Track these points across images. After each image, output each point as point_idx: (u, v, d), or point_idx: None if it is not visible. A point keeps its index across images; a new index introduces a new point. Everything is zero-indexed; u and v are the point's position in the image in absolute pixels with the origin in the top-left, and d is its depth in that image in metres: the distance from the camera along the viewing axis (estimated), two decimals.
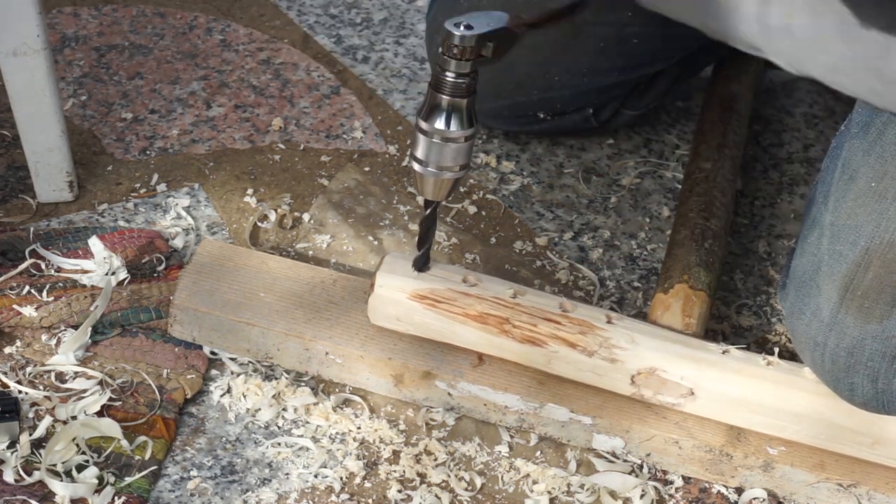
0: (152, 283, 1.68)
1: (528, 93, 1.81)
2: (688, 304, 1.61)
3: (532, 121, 1.87)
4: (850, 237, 1.44)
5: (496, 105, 1.82)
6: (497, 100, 1.81)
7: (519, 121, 1.88)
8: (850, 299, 1.45)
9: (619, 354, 1.54)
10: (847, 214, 1.45)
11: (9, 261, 1.69)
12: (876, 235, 1.43)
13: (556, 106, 1.84)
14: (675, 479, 1.57)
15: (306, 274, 1.66)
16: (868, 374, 1.46)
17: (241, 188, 1.85)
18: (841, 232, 1.46)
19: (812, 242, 1.49)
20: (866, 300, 1.43)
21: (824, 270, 1.47)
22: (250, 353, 1.62)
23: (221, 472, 1.53)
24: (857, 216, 1.44)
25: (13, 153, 1.85)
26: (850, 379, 1.47)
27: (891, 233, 1.42)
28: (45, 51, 1.66)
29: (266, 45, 2.08)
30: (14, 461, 1.48)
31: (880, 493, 1.54)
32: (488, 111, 1.82)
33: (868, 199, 1.43)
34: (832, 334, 1.46)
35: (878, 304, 1.43)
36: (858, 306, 1.44)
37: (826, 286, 1.46)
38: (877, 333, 1.44)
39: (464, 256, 1.80)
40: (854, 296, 1.44)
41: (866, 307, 1.44)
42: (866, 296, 1.43)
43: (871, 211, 1.43)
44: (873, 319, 1.44)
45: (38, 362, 1.59)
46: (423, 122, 1.47)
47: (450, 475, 1.54)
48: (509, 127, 1.90)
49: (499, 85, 1.78)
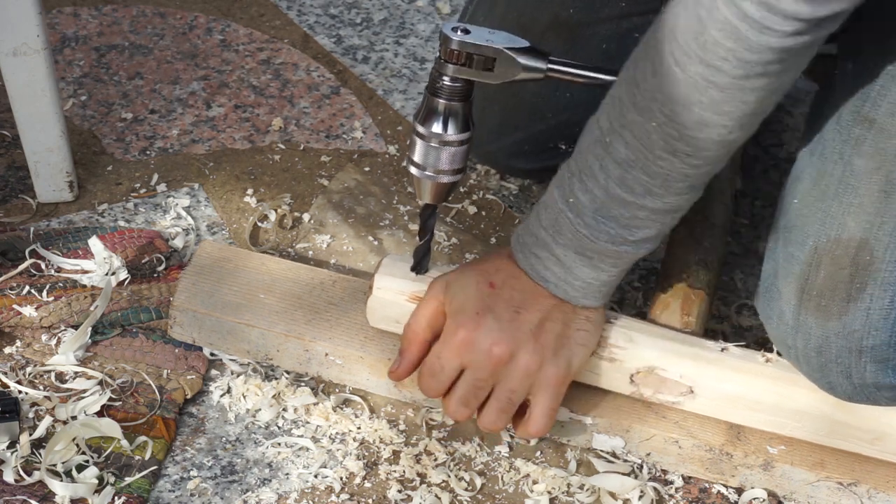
0: (152, 283, 1.68)
1: (544, 117, 1.74)
2: (687, 302, 1.61)
3: (554, 154, 1.78)
4: (799, 238, 1.46)
5: (514, 140, 1.76)
6: (514, 133, 1.75)
7: (541, 157, 1.79)
8: (807, 300, 1.46)
9: (617, 353, 1.54)
10: (795, 216, 1.47)
11: (9, 261, 1.69)
12: (822, 234, 1.44)
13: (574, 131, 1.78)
14: (675, 479, 1.58)
15: (306, 275, 1.66)
16: (841, 371, 1.47)
17: (241, 188, 1.85)
18: (791, 234, 1.48)
19: (770, 247, 1.52)
20: (822, 299, 1.45)
21: (781, 273, 1.49)
22: (250, 355, 1.62)
23: (221, 472, 1.53)
24: (803, 216, 1.46)
25: (13, 153, 1.85)
26: (826, 378, 1.48)
27: (836, 229, 1.44)
28: (45, 51, 1.66)
29: (266, 45, 2.08)
30: (14, 461, 1.48)
31: (880, 491, 1.54)
32: (508, 149, 1.77)
33: (811, 199, 1.45)
34: (799, 336, 1.48)
35: (835, 302, 1.44)
36: (816, 306, 1.45)
37: (785, 289, 1.48)
38: (839, 330, 1.45)
39: (464, 256, 1.80)
40: (810, 296, 1.46)
41: (823, 306, 1.45)
42: (822, 295, 1.45)
43: (815, 210, 1.45)
44: (832, 317, 1.45)
45: (38, 362, 1.59)
46: (419, 125, 1.48)
47: (450, 475, 1.54)
48: (532, 165, 1.82)
49: (511, 115, 1.74)
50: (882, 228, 1.42)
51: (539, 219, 1.45)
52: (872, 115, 1.41)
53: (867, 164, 1.42)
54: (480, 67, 1.45)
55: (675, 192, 1.39)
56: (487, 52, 1.45)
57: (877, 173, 1.41)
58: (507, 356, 1.46)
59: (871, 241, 1.42)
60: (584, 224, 1.41)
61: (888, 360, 1.45)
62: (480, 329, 1.46)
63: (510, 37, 1.46)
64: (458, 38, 1.44)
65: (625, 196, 1.39)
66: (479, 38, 1.45)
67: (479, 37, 1.45)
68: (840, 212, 1.43)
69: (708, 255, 1.67)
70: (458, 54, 1.45)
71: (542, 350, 1.46)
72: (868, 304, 1.43)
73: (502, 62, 1.45)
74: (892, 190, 1.41)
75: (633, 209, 1.40)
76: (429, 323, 1.50)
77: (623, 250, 1.43)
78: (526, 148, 1.76)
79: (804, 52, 1.29)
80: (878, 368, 1.46)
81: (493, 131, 1.72)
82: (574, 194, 1.41)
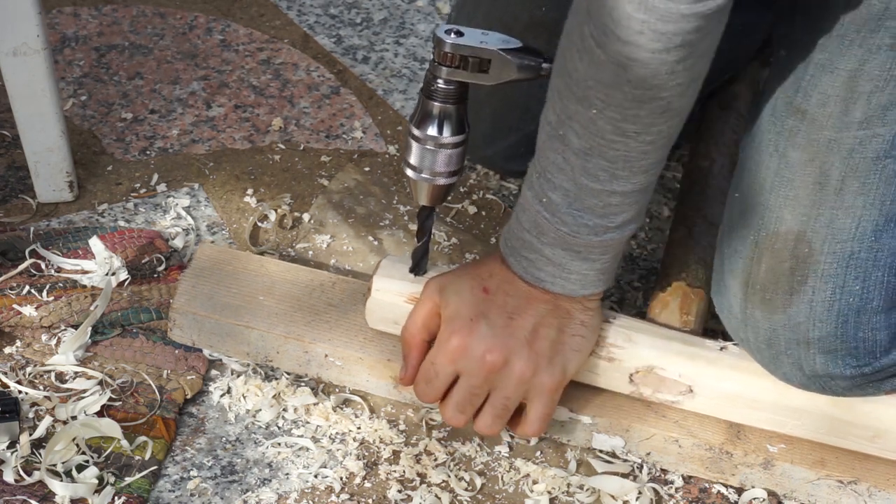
0: (152, 283, 1.68)
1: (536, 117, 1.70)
2: (686, 301, 1.61)
3: None
4: (741, 232, 1.47)
5: (509, 143, 1.75)
6: (508, 135, 1.75)
7: None
8: (752, 293, 1.47)
9: (616, 353, 1.54)
10: (737, 210, 1.48)
11: (9, 261, 1.69)
12: (762, 227, 1.45)
13: None
14: (675, 479, 1.58)
15: (305, 277, 1.66)
16: (792, 362, 1.47)
17: (241, 188, 1.85)
18: (733, 229, 1.48)
19: (719, 241, 1.53)
20: (766, 292, 1.45)
21: (727, 268, 1.50)
22: (250, 357, 1.62)
23: (221, 473, 1.53)
24: (743, 211, 1.47)
25: (13, 153, 1.85)
26: (780, 370, 1.49)
27: (774, 223, 1.44)
28: (45, 51, 1.66)
29: (266, 45, 2.08)
30: (14, 461, 1.48)
31: (880, 489, 1.54)
32: (503, 152, 1.77)
33: (751, 193, 1.46)
34: (748, 330, 1.48)
35: (778, 295, 1.45)
36: (761, 299, 1.46)
37: (731, 283, 1.49)
38: (784, 322, 1.45)
39: (464, 256, 1.80)
40: (755, 290, 1.46)
41: (768, 299, 1.45)
42: (765, 288, 1.45)
43: (754, 204, 1.46)
44: (777, 310, 1.45)
45: (38, 362, 1.59)
46: (415, 128, 1.48)
47: (450, 475, 1.55)
48: None
49: (503, 118, 1.74)
50: (818, 220, 1.42)
51: (520, 222, 1.45)
52: (804, 105, 1.41)
53: (801, 155, 1.42)
54: (475, 69, 1.45)
55: (640, 171, 1.37)
56: (482, 54, 1.44)
57: (810, 165, 1.42)
58: (500, 363, 1.46)
59: (808, 234, 1.43)
60: (562, 222, 1.40)
61: (836, 351, 1.46)
62: (474, 335, 1.46)
63: (504, 37, 1.46)
64: (452, 41, 1.44)
65: (592, 185, 1.38)
66: (472, 40, 1.45)
67: (472, 39, 1.45)
68: (777, 205, 1.44)
69: (707, 254, 1.67)
70: (451, 57, 1.44)
71: (536, 357, 1.46)
72: (811, 297, 1.44)
73: (497, 63, 1.45)
74: (826, 182, 1.41)
75: (604, 196, 1.38)
76: (424, 324, 1.50)
77: (608, 238, 1.42)
78: (522, 150, 1.75)
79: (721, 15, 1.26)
80: (827, 359, 1.46)
81: (487, 135, 1.72)
82: (545, 193, 1.41)
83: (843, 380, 1.47)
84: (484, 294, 1.46)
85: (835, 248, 1.43)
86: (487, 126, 1.71)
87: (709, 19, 1.25)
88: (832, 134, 1.40)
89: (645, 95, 1.30)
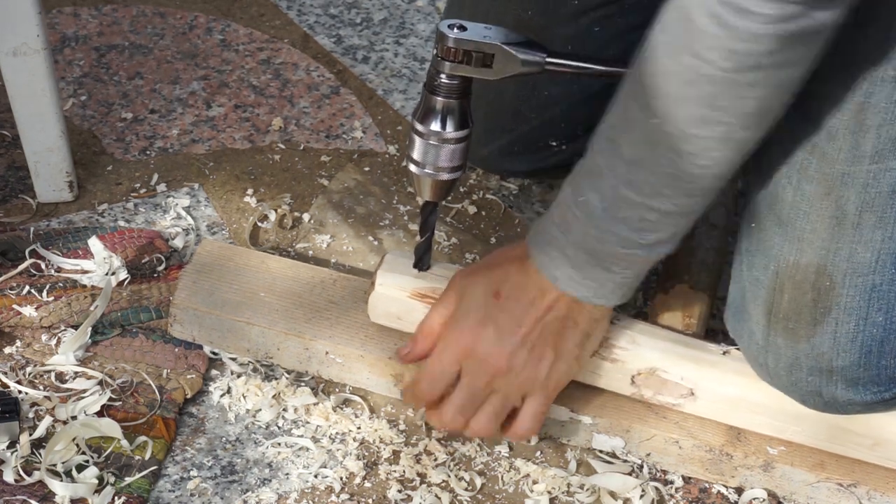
0: (152, 283, 1.68)
1: (527, 118, 1.73)
2: (688, 304, 1.61)
3: (548, 154, 1.78)
4: (762, 262, 1.45)
5: (502, 143, 1.75)
6: (501, 136, 1.74)
7: (534, 157, 1.78)
8: (775, 322, 1.45)
9: (619, 354, 1.54)
10: (757, 240, 1.46)
11: (9, 261, 1.69)
12: (781, 258, 1.43)
13: (561, 127, 1.76)
14: (675, 479, 1.57)
15: (306, 274, 1.66)
16: (811, 389, 1.46)
17: (241, 188, 1.85)
18: (755, 258, 1.47)
19: (737, 269, 1.51)
20: (789, 322, 1.44)
21: (749, 296, 1.48)
22: (250, 353, 1.62)
23: (221, 472, 1.53)
24: (762, 241, 1.45)
25: (13, 153, 1.85)
26: (797, 394, 1.48)
27: (794, 254, 1.42)
28: (45, 51, 1.66)
29: (266, 45, 2.08)
30: (14, 461, 1.48)
31: (880, 493, 1.54)
32: (501, 150, 1.76)
33: (769, 224, 1.44)
34: (769, 356, 1.47)
35: (801, 325, 1.44)
36: (784, 328, 1.45)
37: (754, 311, 1.48)
38: (807, 351, 1.44)
39: (464, 256, 1.80)
40: (777, 318, 1.45)
41: (791, 328, 1.44)
42: (788, 318, 1.44)
43: (772, 235, 1.44)
44: (801, 339, 1.44)
45: (38, 362, 1.59)
46: (418, 123, 1.48)
47: (450, 475, 1.54)
48: (527, 166, 1.81)
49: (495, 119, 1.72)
50: (838, 255, 1.40)
51: (551, 215, 1.43)
52: (814, 139, 1.38)
53: (816, 189, 1.40)
54: (479, 64, 1.44)
55: (685, 194, 1.35)
56: (485, 49, 1.44)
57: (826, 199, 1.39)
58: (504, 369, 1.46)
59: (828, 268, 1.41)
60: (594, 225, 1.39)
61: (858, 379, 1.45)
62: (480, 339, 1.46)
63: (507, 32, 1.45)
64: (455, 35, 1.43)
65: (633, 196, 1.36)
66: (475, 34, 1.44)
67: (475, 33, 1.44)
68: (795, 237, 1.42)
69: (709, 257, 1.67)
70: (455, 51, 1.44)
71: (537, 363, 1.47)
72: (834, 328, 1.43)
73: (501, 58, 1.44)
74: (843, 217, 1.39)
75: (642, 210, 1.36)
76: (445, 321, 1.50)
77: (634, 254, 1.40)
78: (516, 149, 1.76)
79: (801, 43, 1.24)
80: (849, 387, 1.45)
81: (481, 135, 1.71)
82: (584, 193, 1.39)
83: (861, 405, 1.47)
84: (495, 300, 1.46)
85: (856, 282, 1.41)
86: (481, 127, 1.70)
87: (786, 43, 1.23)
88: (844, 168, 1.38)
89: (707, 116, 1.28)
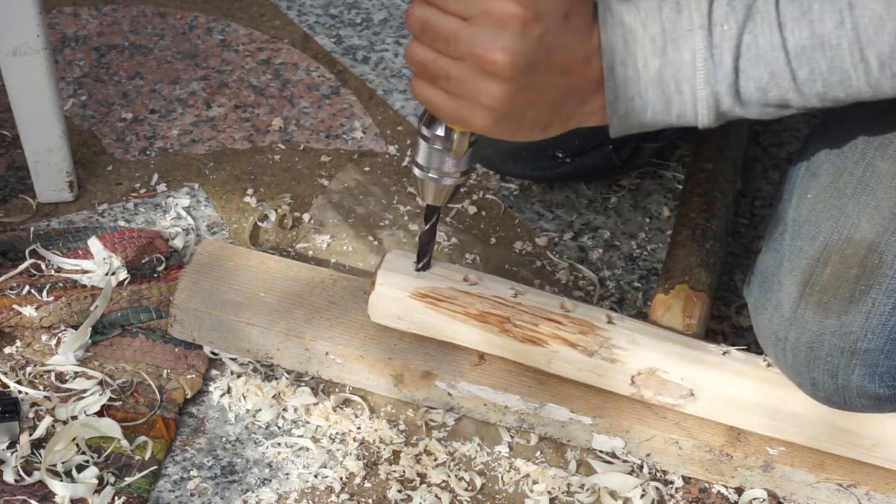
0: (152, 283, 1.68)
1: None
2: (688, 304, 1.61)
3: (552, 164, 1.79)
4: (810, 233, 1.45)
5: (510, 146, 1.72)
6: None
7: (539, 164, 1.79)
8: (809, 294, 1.45)
9: (619, 355, 1.54)
10: (808, 210, 1.46)
11: (9, 261, 1.69)
12: (834, 231, 1.43)
13: (573, 142, 1.76)
14: (675, 480, 1.58)
15: (306, 274, 1.66)
16: (828, 369, 1.46)
17: (241, 188, 1.85)
18: (802, 228, 1.46)
19: (775, 239, 1.50)
20: (825, 295, 1.44)
21: (785, 266, 1.48)
22: (250, 353, 1.62)
23: (221, 472, 1.53)
24: (816, 212, 1.45)
25: (13, 153, 1.85)
26: (811, 374, 1.47)
27: (848, 228, 1.43)
28: (45, 51, 1.66)
29: (266, 45, 2.08)
30: (14, 461, 1.48)
31: (880, 493, 1.54)
32: (507, 152, 1.75)
33: (827, 196, 1.44)
34: (792, 329, 1.47)
35: (836, 300, 1.44)
36: (817, 301, 1.44)
37: (787, 281, 1.47)
38: (835, 329, 1.44)
39: (464, 256, 1.80)
40: (813, 291, 1.45)
41: (825, 302, 1.44)
42: (825, 291, 1.44)
43: (830, 207, 1.44)
44: (832, 315, 1.44)
45: (38, 362, 1.59)
46: (424, 128, 1.47)
47: (450, 475, 1.54)
48: (531, 172, 1.81)
49: None
50: (895, 234, 1.41)
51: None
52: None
53: (891, 167, 1.40)
54: None
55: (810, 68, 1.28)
56: None
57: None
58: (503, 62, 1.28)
59: (881, 245, 1.41)
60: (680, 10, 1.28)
61: (877, 366, 1.45)
62: (515, 25, 1.26)
63: None
64: None
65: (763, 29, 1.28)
66: None
67: None
68: (855, 211, 1.42)
69: (709, 257, 1.67)
70: None
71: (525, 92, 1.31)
72: (869, 308, 1.43)
73: None
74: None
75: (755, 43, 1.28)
76: None
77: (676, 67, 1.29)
78: (523, 154, 1.75)
79: None
80: (866, 373, 1.45)
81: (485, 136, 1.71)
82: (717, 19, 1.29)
83: (870, 398, 1.46)
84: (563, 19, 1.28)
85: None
86: None
87: None
88: None
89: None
